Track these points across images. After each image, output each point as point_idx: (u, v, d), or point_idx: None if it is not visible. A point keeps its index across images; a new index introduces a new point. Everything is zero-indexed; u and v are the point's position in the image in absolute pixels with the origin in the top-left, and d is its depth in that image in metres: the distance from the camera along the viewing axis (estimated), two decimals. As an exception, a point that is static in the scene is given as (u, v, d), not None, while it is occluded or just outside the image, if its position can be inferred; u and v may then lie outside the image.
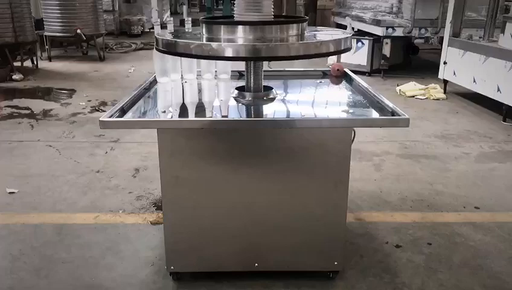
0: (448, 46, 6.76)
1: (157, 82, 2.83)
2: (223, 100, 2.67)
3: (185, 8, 4.00)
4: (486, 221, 3.21)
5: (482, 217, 3.28)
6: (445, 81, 6.91)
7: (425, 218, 3.26)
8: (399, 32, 7.83)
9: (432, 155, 4.49)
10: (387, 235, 3.02)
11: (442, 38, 7.24)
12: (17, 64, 8.20)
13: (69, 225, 3.14)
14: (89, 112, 5.96)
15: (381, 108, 2.32)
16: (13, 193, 3.60)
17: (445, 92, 6.89)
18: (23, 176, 3.92)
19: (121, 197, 3.55)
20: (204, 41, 2.20)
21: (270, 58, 2.17)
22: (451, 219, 3.26)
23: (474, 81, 6.02)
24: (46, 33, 9.68)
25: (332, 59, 6.77)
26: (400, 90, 7.00)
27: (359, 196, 3.56)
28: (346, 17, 9.85)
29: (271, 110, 2.43)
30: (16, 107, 6.17)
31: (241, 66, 2.61)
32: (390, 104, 2.25)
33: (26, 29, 8.29)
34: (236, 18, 2.30)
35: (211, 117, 2.32)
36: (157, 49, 2.36)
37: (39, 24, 9.69)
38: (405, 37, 8.05)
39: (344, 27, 8.91)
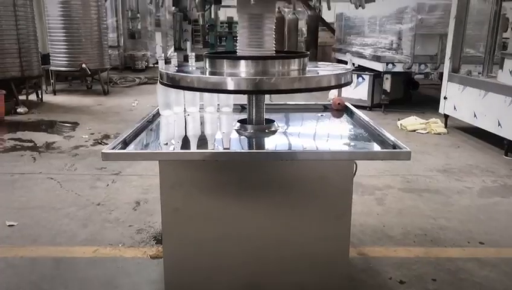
0: (448, 81, 6.85)
1: (160, 115, 2.86)
2: (225, 133, 2.68)
3: (188, 44, 4.10)
4: (492, 256, 3.16)
5: (487, 253, 3.23)
6: (446, 116, 6.95)
7: (429, 253, 3.21)
8: (399, 67, 7.96)
9: (434, 189, 4.46)
10: (390, 270, 2.97)
11: (441, 73, 7.35)
12: (22, 97, 8.32)
13: (67, 258, 3.10)
14: (91, 145, 6.00)
15: (382, 141, 2.32)
16: (12, 225, 3.57)
17: (446, 127, 6.93)
18: (24, 209, 3.90)
19: (121, 230, 3.52)
20: (207, 75, 2.24)
21: (272, 92, 2.20)
22: (455, 254, 3.21)
23: (475, 115, 6.05)
24: (51, 67, 9.88)
25: (333, 93, 6.83)
26: (401, 124, 7.05)
27: (361, 230, 3.52)
28: (347, 53, 10.08)
29: (273, 143, 2.44)
30: (19, 139, 6.22)
31: (243, 99, 2.65)
32: (392, 137, 2.25)
33: (33, 63, 8.48)
34: (239, 53, 2.35)
35: (213, 149, 2.33)
36: (161, 83, 2.40)
37: (45, 59, 9.89)
38: (405, 73, 8.18)
39: (345, 63, 9.10)
